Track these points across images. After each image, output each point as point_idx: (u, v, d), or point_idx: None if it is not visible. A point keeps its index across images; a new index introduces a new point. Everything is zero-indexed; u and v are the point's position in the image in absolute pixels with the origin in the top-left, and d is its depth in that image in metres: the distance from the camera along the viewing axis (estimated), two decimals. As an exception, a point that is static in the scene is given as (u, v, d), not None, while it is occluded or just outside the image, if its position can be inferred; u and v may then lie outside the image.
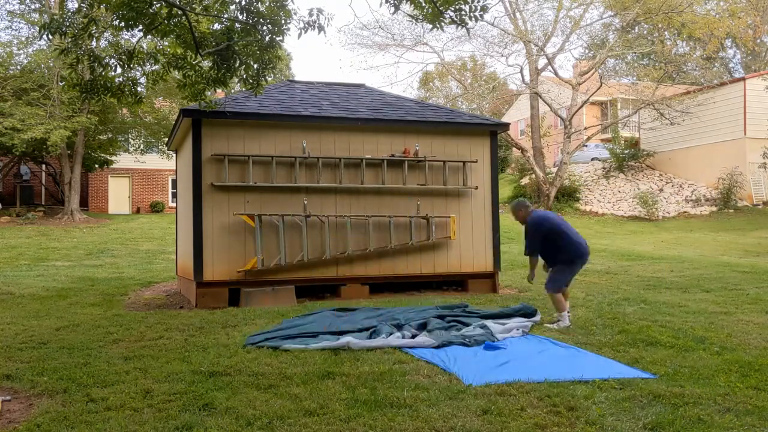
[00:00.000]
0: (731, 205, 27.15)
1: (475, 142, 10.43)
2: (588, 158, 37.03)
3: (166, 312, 8.45)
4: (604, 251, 16.66)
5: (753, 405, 4.21)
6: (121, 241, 20.18)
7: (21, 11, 26.64)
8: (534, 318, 7.18)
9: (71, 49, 7.22)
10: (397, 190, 9.98)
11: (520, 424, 3.90)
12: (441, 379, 4.91)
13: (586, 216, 28.53)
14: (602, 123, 35.04)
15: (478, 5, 6.75)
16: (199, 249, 9.02)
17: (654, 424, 3.87)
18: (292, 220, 9.45)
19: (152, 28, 7.20)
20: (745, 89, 28.00)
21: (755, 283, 10.39)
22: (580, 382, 4.72)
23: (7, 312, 8.56)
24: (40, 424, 3.96)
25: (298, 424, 3.91)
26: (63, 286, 11.52)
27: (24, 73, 24.12)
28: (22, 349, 6.13)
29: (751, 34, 34.20)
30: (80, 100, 21.00)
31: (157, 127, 27.25)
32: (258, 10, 7.25)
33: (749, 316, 7.50)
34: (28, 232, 21.60)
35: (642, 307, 8.16)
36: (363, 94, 11.37)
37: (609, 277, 11.77)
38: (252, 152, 9.33)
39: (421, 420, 3.97)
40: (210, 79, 7.96)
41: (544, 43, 30.37)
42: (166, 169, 32.43)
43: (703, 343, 5.96)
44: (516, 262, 14.19)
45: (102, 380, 4.92)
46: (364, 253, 9.72)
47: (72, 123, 23.27)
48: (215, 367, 5.23)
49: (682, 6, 27.63)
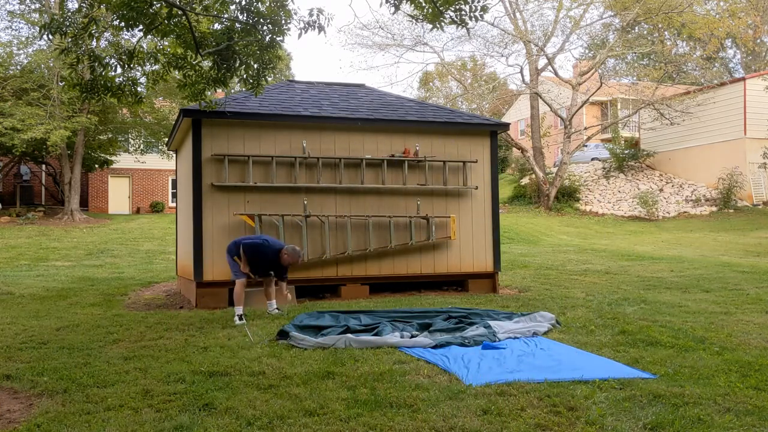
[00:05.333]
0: (731, 205, 27.15)
1: (475, 142, 10.43)
2: (588, 158, 37.04)
3: (166, 312, 8.45)
4: (604, 251, 16.67)
5: (753, 405, 4.21)
6: (121, 241, 20.18)
7: (21, 11, 26.65)
8: (548, 323, 6.91)
9: (71, 49, 7.22)
10: (397, 190, 9.98)
11: (520, 424, 3.90)
12: (441, 379, 4.91)
13: (586, 216, 28.53)
14: (602, 123, 35.06)
15: (478, 5, 6.76)
16: (199, 249, 9.02)
17: (654, 424, 3.87)
18: (292, 221, 9.45)
19: (152, 28, 7.20)
20: (745, 89, 28.00)
21: (755, 283, 10.39)
22: (580, 382, 4.72)
23: (7, 312, 8.56)
24: (40, 424, 3.96)
25: (298, 424, 3.91)
26: (63, 286, 11.52)
27: (24, 73, 24.12)
28: (22, 349, 6.13)
29: (751, 34, 34.23)
30: (80, 100, 20.97)
31: (157, 127, 27.25)
32: (258, 10, 7.25)
33: (749, 316, 7.50)
34: (28, 232, 21.60)
35: (642, 307, 8.16)
36: (363, 94, 11.37)
37: (609, 277, 11.77)
38: (252, 152, 9.33)
39: (421, 420, 3.97)
40: (210, 79, 7.96)
41: (544, 43, 30.39)
42: (166, 169, 32.44)
43: (703, 343, 5.96)
44: (516, 262, 14.19)
45: (102, 380, 4.92)
46: (364, 253, 9.72)
47: (72, 123, 23.26)
48: (215, 367, 5.23)
49: (682, 6, 27.66)
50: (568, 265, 13.85)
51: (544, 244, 19.71)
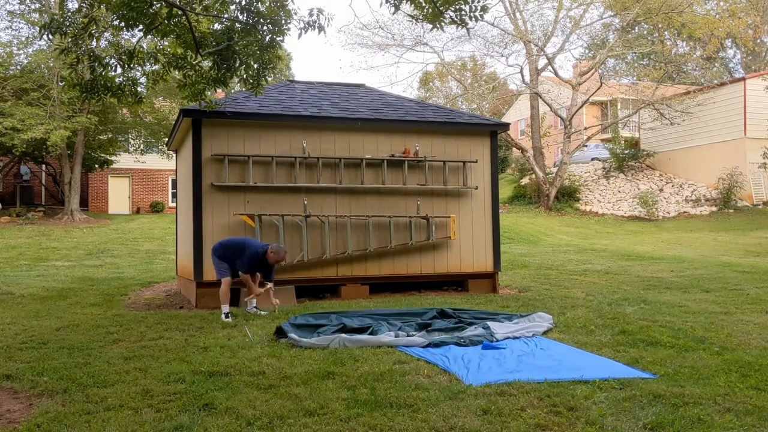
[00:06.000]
0: (731, 205, 27.15)
1: (475, 142, 10.43)
2: (588, 158, 37.04)
3: (166, 312, 8.45)
4: (604, 251, 16.67)
5: (753, 405, 4.21)
6: (121, 241, 20.18)
7: (21, 11, 26.64)
8: (547, 323, 6.92)
9: (71, 49, 7.22)
10: (397, 190, 9.98)
11: (520, 424, 3.90)
12: (441, 379, 4.91)
13: (586, 216, 28.53)
14: (602, 123, 35.05)
15: (478, 5, 6.76)
16: (199, 249, 9.02)
17: (654, 424, 3.87)
18: (292, 221, 9.45)
19: (152, 28, 7.20)
20: (745, 89, 28.00)
21: (755, 283, 10.39)
22: (580, 382, 4.72)
23: (7, 312, 8.56)
24: (40, 424, 3.96)
25: (298, 424, 3.91)
26: (63, 286, 11.52)
27: (24, 73, 24.11)
28: (22, 349, 6.13)
29: (751, 34, 34.23)
30: (80, 100, 20.98)
31: (157, 127, 27.25)
32: (258, 10, 7.25)
33: (749, 316, 7.50)
34: (28, 232, 21.60)
35: (642, 307, 8.16)
36: (363, 94, 11.37)
37: (609, 277, 11.77)
38: (252, 152, 9.33)
39: (421, 420, 3.97)
40: (210, 79, 7.96)
41: (544, 43, 30.39)
42: (166, 169, 32.44)
43: (703, 343, 5.96)
44: (516, 262, 14.19)
45: (102, 380, 4.92)
46: (364, 253, 9.73)
47: (72, 123, 23.26)
48: (215, 367, 5.23)
49: (682, 6, 27.67)
50: (568, 265, 13.85)
51: (544, 244, 19.71)
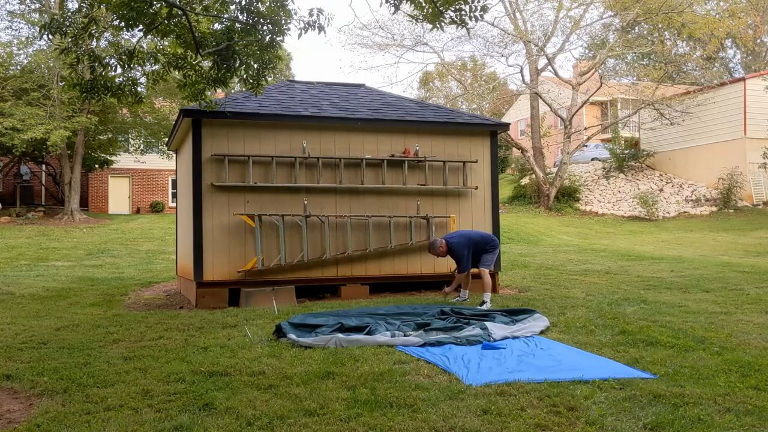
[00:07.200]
0: (731, 205, 27.15)
1: (475, 142, 10.43)
2: (588, 158, 37.04)
3: (166, 312, 8.45)
4: (604, 251, 16.67)
5: (753, 405, 4.21)
6: (121, 241, 20.18)
7: (21, 11, 26.66)
8: (543, 323, 6.93)
9: (71, 49, 7.22)
10: (397, 190, 9.98)
11: (520, 424, 3.90)
12: (441, 379, 4.91)
13: (586, 216, 28.53)
14: (602, 123, 35.07)
15: (478, 5, 6.76)
16: (199, 249, 9.02)
17: (654, 424, 3.87)
18: (292, 220, 9.45)
19: (152, 28, 7.20)
20: (745, 89, 28.00)
21: (755, 283, 10.39)
22: (580, 382, 4.72)
23: (7, 312, 8.56)
24: (40, 424, 3.96)
25: (298, 424, 3.91)
26: (63, 286, 11.52)
27: (24, 73, 24.13)
28: (22, 349, 6.13)
29: (751, 34, 34.24)
30: (80, 100, 20.99)
31: (157, 127, 27.26)
32: (258, 10, 7.25)
33: (749, 316, 7.50)
34: (28, 232, 21.60)
35: (642, 307, 8.16)
36: (363, 94, 11.37)
37: (609, 277, 11.77)
38: (252, 152, 9.33)
39: (421, 420, 3.97)
40: (210, 79, 7.96)
41: (544, 43, 30.40)
42: (166, 169, 32.45)
43: (703, 343, 5.96)
44: (516, 262, 14.19)
45: (102, 380, 4.92)
46: (364, 254, 9.72)
47: (72, 123, 23.27)
48: (215, 367, 5.23)
49: (682, 6, 27.67)
50: (568, 265, 13.84)
51: (544, 244, 19.71)
